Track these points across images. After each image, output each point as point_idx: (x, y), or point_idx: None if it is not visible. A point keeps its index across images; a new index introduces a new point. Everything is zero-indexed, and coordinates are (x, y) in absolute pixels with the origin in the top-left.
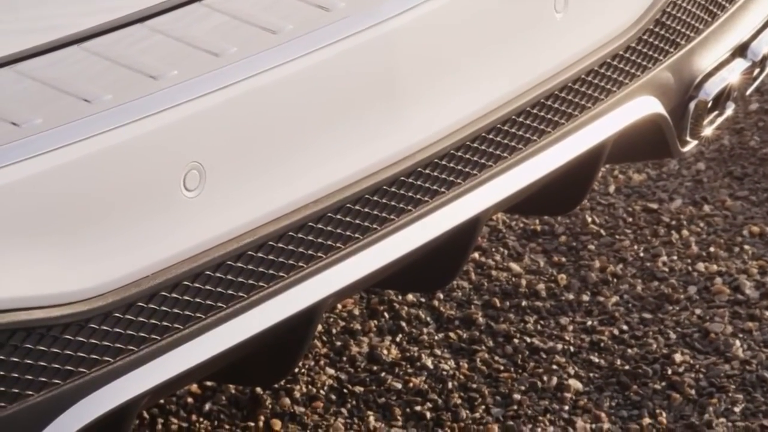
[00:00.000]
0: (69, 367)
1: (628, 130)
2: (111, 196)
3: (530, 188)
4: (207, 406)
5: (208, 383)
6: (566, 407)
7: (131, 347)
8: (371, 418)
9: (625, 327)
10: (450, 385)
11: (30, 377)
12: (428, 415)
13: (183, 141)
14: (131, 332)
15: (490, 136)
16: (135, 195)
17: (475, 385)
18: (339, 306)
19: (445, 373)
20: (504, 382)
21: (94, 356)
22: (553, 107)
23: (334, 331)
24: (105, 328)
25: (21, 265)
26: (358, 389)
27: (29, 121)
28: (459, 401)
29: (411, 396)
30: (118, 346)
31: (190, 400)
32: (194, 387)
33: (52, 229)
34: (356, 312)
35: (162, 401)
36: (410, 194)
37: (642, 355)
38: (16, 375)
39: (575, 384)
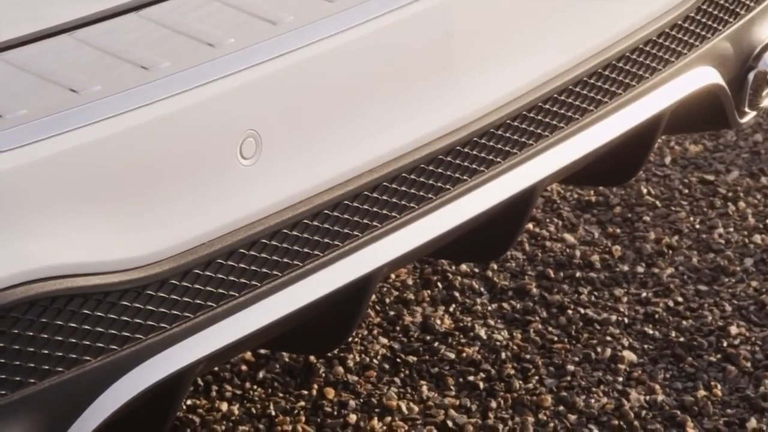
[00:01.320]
0: (126, 334)
1: (685, 101)
2: (168, 163)
3: (586, 159)
4: (261, 374)
5: (263, 351)
6: (620, 379)
7: (187, 314)
8: (424, 388)
9: (680, 299)
10: (503, 355)
11: (87, 343)
12: (481, 385)
13: (239, 109)
14: (187, 299)
15: (547, 106)
16: (192, 163)
17: (528, 356)
18: (392, 276)
19: (498, 343)
20: (557, 353)
21: (151, 323)
22: (611, 77)
23: (387, 300)
24: (161, 294)
25: (79, 231)
26: (411, 359)
27: (88, 88)
28: (512, 372)
29: (464, 366)
30: (175, 313)
31: (244, 367)
32: (248, 355)
33: (110, 195)
34: (409, 282)
35: (216, 368)
36: (466, 164)
37: (697, 328)
38: (74, 341)
39: (629, 356)
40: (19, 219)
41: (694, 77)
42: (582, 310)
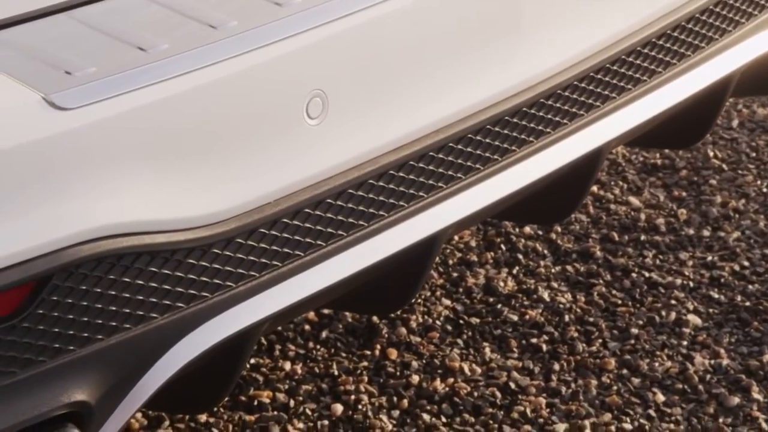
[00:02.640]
0: (192, 292)
1: (755, 63)
2: (235, 123)
3: (653, 121)
4: (324, 334)
5: (326, 311)
6: (684, 342)
7: (253, 273)
8: (487, 350)
9: (746, 263)
10: (566, 318)
11: (154, 300)
12: (544, 347)
13: (306, 68)
14: (253, 258)
15: (614, 68)
16: (259, 122)
17: (592, 319)
18: (456, 237)
19: (561, 306)
20: (621, 317)
21: (217, 281)
22: (680, 39)
23: (450, 262)
24: (227, 253)
25: (146, 190)
26: (474, 320)
27: (156, 47)
28: (575, 334)
29: (527, 328)
30: (240, 271)
31: (307, 327)
32: (311, 315)
33: (177, 154)
34: (473, 243)
35: (280, 328)
36: (532, 125)
37: (763, 292)
38: (141, 298)
39: (694, 319)
40: (88, 176)
41: (765, 39)
42: (646, 274)
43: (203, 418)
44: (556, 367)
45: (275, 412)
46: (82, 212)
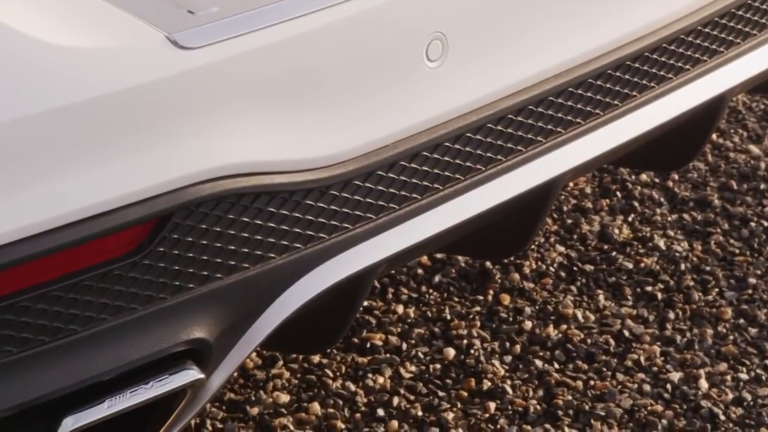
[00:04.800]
0: (309, 233)
1: None
2: (355, 65)
3: None
4: (437, 278)
5: (439, 255)
6: None
7: (370, 215)
8: (601, 297)
9: None
10: (682, 266)
11: (272, 240)
12: (659, 296)
13: (427, 11)
14: (370, 200)
15: (739, 13)
16: (379, 64)
17: (708, 268)
18: (571, 184)
19: (677, 254)
20: (739, 266)
21: (334, 223)
22: None
23: (565, 208)
24: (345, 195)
25: (266, 130)
26: (588, 268)
27: None
28: (691, 283)
29: (642, 276)
30: (357, 213)
31: (420, 271)
32: (424, 259)
33: (297, 96)
34: (588, 190)
35: (393, 271)
36: (653, 70)
37: None
38: (259, 238)
39: None
40: (210, 116)
41: None
42: (765, 223)
43: (316, 359)
44: (671, 315)
45: (387, 355)
46: (203, 152)
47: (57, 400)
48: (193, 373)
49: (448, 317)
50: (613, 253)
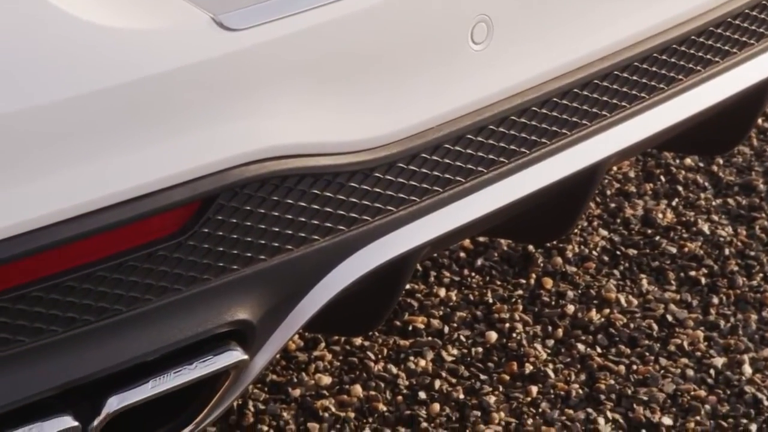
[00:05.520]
0: (353, 215)
1: None
2: (400, 47)
3: None
4: (479, 262)
5: (481, 239)
6: None
7: (413, 198)
8: (644, 281)
9: None
10: (726, 251)
11: (316, 222)
12: (703, 280)
13: None
14: (414, 183)
15: None
16: (423, 47)
17: (753, 253)
18: (614, 168)
19: (721, 239)
20: None
21: (378, 205)
22: None
23: (608, 192)
24: (389, 177)
25: (311, 112)
26: (632, 252)
27: None
28: (735, 268)
29: (686, 261)
30: (401, 196)
31: (462, 254)
32: (467, 242)
33: (342, 78)
34: (631, 174)
35: (435, 254)
36: (699, 54)
37: None
38: (303, 220)
39: None
40: (254, 98)
41: None
42: None
43: (358, 341)
44: (715, 300)
45: (429, 338)
46: (247, 133)
47: (102, 380)
48: (236, 354)
49: (490, 301)
50: (657, 238)
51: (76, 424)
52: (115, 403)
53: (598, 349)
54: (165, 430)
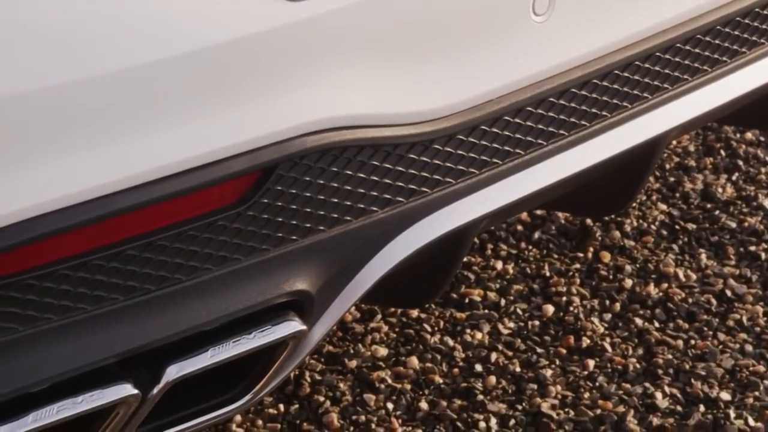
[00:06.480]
0: (412, 186)
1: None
2: (461, 18)
3: None
4: (536, 235)
5: (538, 212)
6: None
7: (473, 170)
8: (703, 256)
9: None
10: None
11: (375, 194)
12: (763, 255)
13: None
14: (473, 155)
15: None
16: (486, 18)
17: None
18: (674, 142)
19: None
20: None
21: (437, 177)
22: None
23: (667, 166)
24: (448, 149)
25: (371, 83)
26: (691, 226)
27: None
28: None
29: (745, 236)
30: (460, 168)
31: (519, 227)
32: (524, 215)
33: (403, 49)
34: (691, 148)
35: (492, 227)
36: (764, 26)
37: None
38: (362, 191)
39: None
40: (315, 68)
41: None
42: None
43: (414, 313)
44: None
45: (486, 311)
46: (308, 104)
47: (162, 349)
48: (295, 325)
49: (548, 274)
50: (716, 212)
51: (136, 392)
52: (174, 372)
53: (656, 324)
54: (223, 399)
